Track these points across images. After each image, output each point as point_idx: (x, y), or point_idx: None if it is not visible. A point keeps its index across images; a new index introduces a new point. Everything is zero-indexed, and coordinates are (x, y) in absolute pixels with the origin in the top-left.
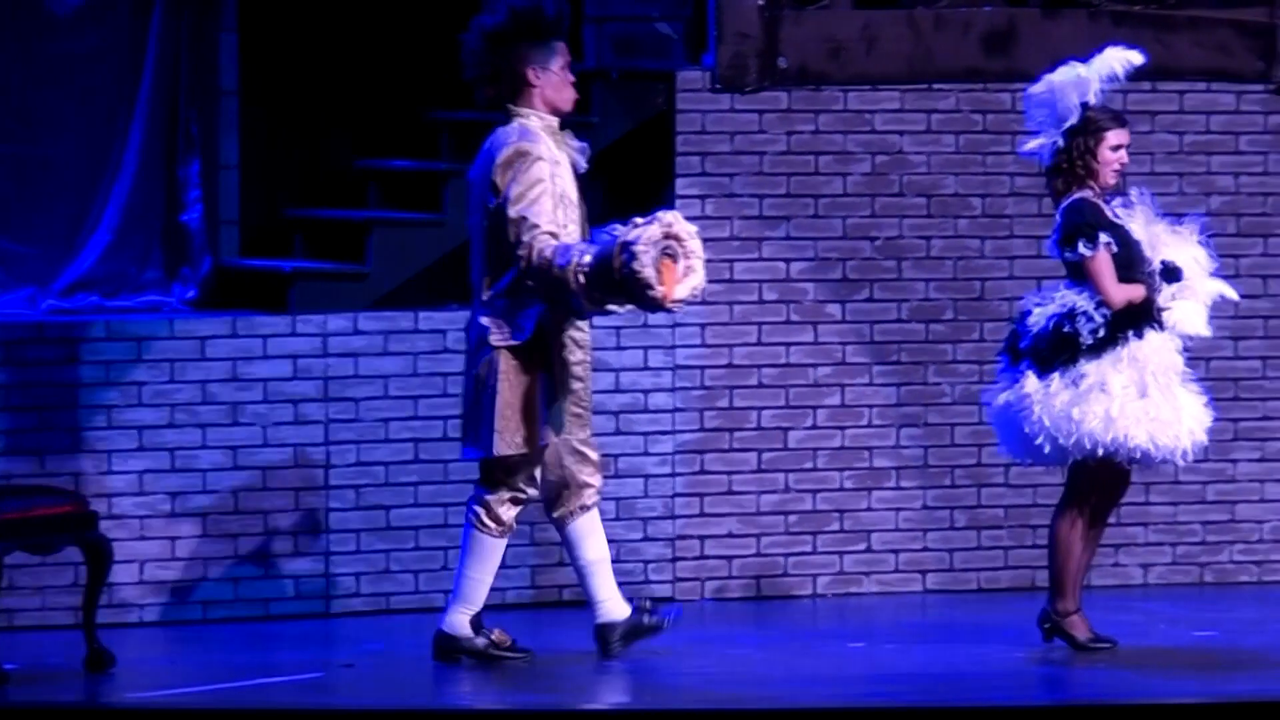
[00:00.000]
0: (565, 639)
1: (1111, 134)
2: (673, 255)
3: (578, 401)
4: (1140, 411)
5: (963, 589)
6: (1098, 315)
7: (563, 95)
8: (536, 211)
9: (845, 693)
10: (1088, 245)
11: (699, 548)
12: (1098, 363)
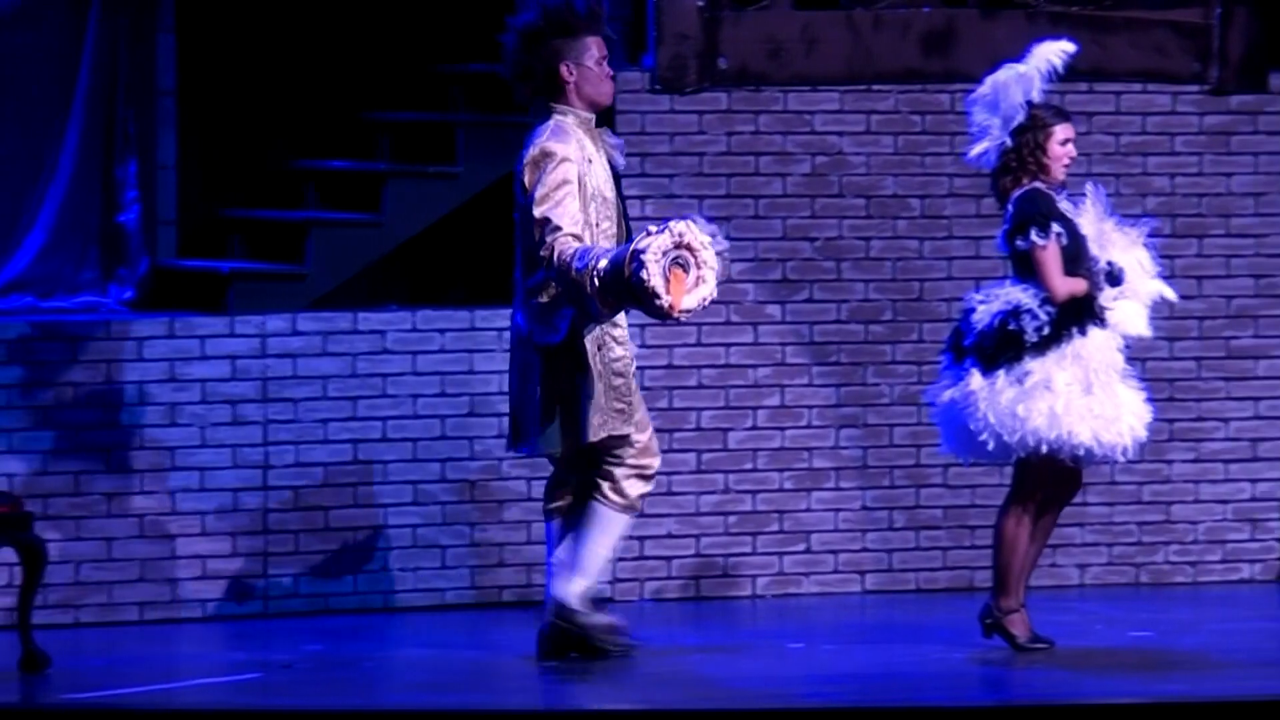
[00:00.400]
0: (506, 640)
1: (1059, 129)
2: (684, 265)
3: (620, 397)
4: (1084, 409)
5: (901, 589)
6: (1042, 313)
7: (599, 90)
8: (559, 213)
9: (784, 693)
10: (1040, 234)
11: (638, 548)
12: (1042, 360)
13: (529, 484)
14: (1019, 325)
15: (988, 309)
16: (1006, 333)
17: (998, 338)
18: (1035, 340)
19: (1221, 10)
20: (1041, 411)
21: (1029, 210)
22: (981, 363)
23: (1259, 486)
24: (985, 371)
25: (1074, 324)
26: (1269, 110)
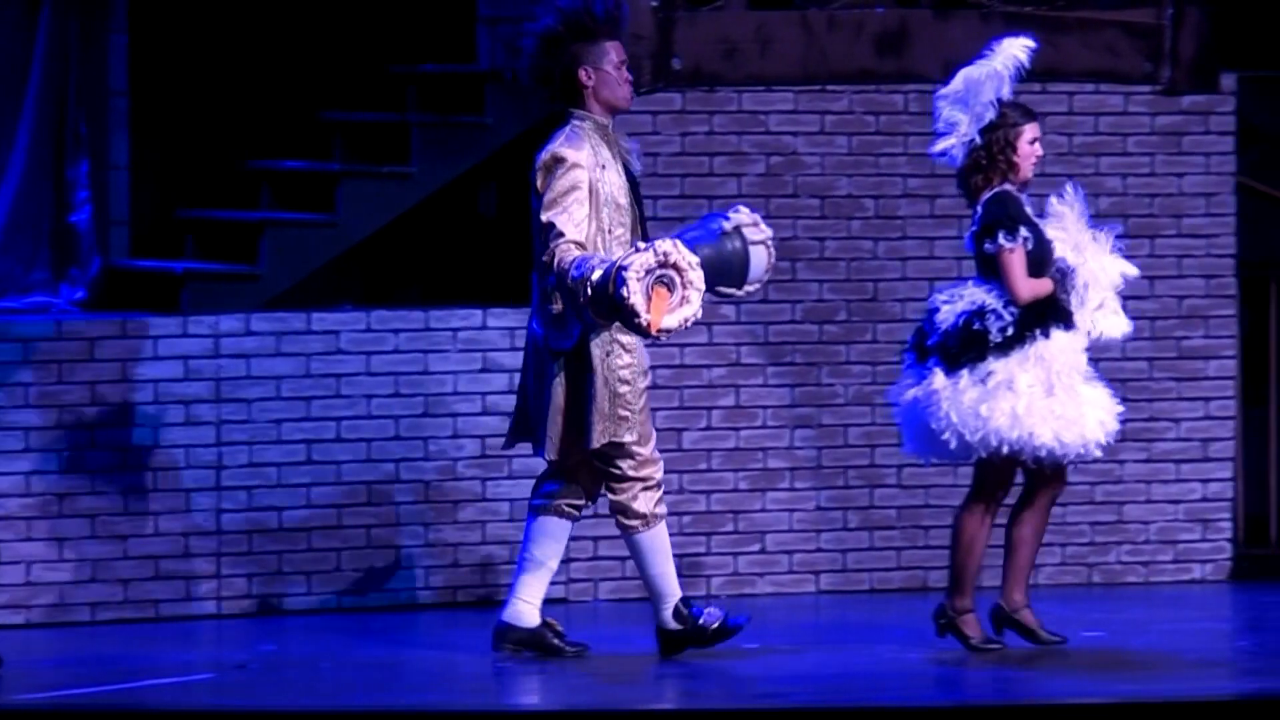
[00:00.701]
0: (461, 640)
1: (1028, 128)
2: (668, 284)
3: (624, 405)
4: (1046, 410)
5: (855, 590)
6: (1006, 313)
7: (618, 94)
8: (564, 220)
9: (738, 693)
10: (1007, 238)
11: (593, 549)
12: (1005, 361)
13: (483, 484)
14: (983, 325)
15: (951, 309)
16: (970, 333)
17: (961, 337)
18: (999, 340)
19: (1173, 11)
20: (1004, 412)
21: (997, 213)
22: (945, 362)
23: (1210, 487)
24: (949, 371)
25: (1038, 325)
26: (1220, 110)
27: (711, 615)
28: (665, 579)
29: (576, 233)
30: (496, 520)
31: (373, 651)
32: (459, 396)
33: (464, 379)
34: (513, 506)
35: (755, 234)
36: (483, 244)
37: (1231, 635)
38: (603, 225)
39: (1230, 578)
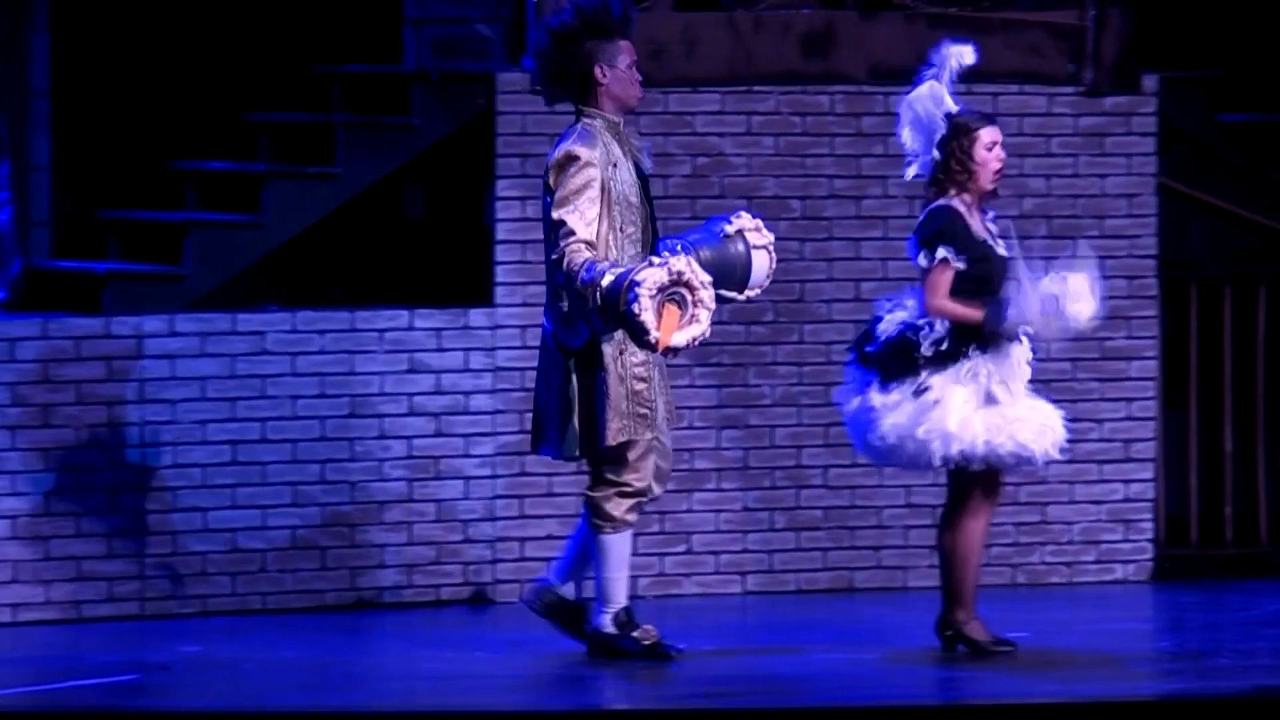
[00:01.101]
0: (386, 641)
1: (984, 132)
2: (679, 301)
3: (642, 403)
4: (983, 418)
5: (782, 590)
6: (940, 327)
7: (630, 92)
8: (575, 219)
9: (664, 695)
10: (928, 256)
11: (519, 549)
12: (941, 376)
13: (410, 485)
14: (919, 338)
15: (892, 319)
16: (904, 345)
17: (895, 349)
18: (930, 355)
19: (1095, 12)
20: (937, 426)
21: (925, 230)
22: (881, 374)
23: (1132, 487)
24: (883, 385)
25: (974, 340)
26: (1142, 111)
27: (646, 632)
28: (615, 584)
29: (587, 231)
30: (423, 522)
31: (297, 652)
32: (385, 398)
33: (390, 380)
34: (439, 508)
35: (758, 238)
36: (409, 245)
37: (1153, 635)
38: (614, 224)
39: (1152, 578)
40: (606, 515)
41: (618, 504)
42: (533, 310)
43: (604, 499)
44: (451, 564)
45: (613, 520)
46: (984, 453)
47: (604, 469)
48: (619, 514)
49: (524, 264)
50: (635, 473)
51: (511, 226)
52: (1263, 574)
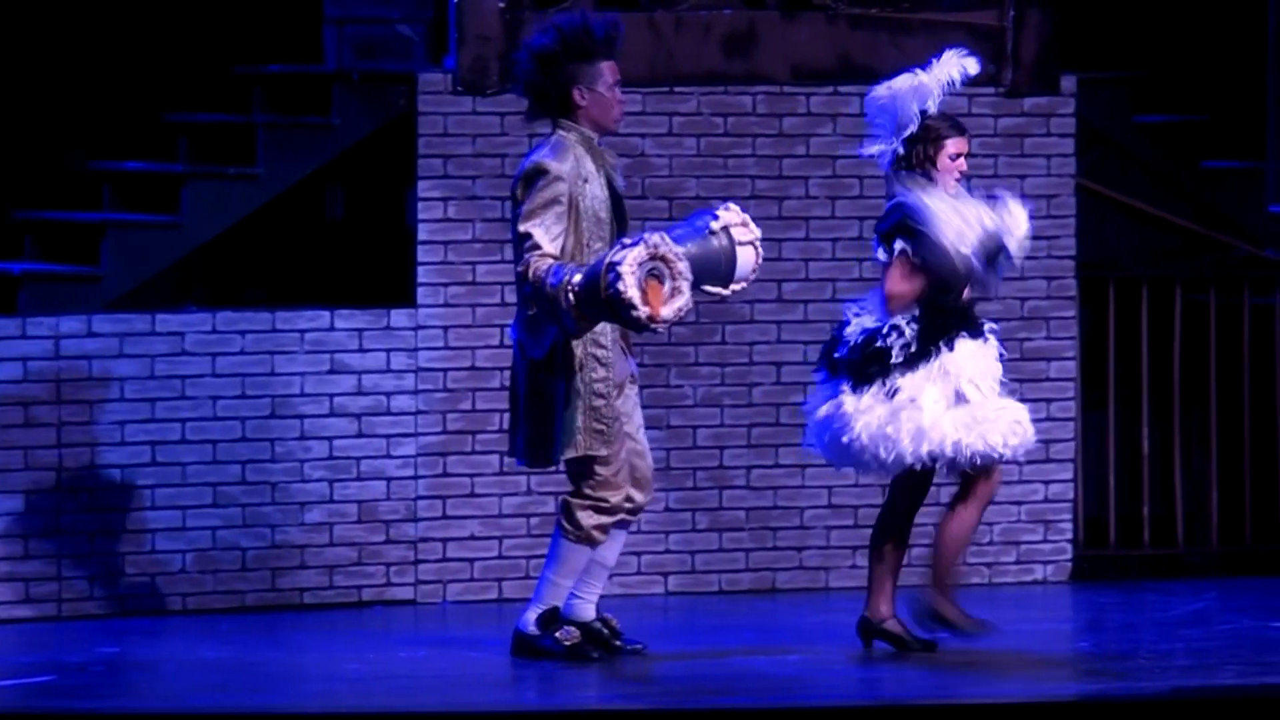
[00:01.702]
0: (307, 642)
1: (951, 142)
2: (659, 276)
3: (600, 419)
4: (954, 418)
5: (704, 591)
6: (908, 330)
7: (608, 115)
8: (540, 232)
9: (585, 696)
10: (886, 251)
11: (441, 550)
12: (911, 376)
13: (331, 486)
14: (886, 343)
15: (860, 322)
16: (874, 349)
17: (865, 353)
18: (900, 359)
19: (1014, 13)
20: (909, 429)
21: (883, 225)
22: (852, 378)
23: (1052, 488)
24: (855, 388)
25: (941, 338)
26: (1061, 112)
27: (569, 633)
28: (554, 588)
29: (552, 246)
30: (344, 522)
31: (217, 653)
32: (306, 398)
33: (311, 380)
34: (361, 508)
35: (743, 234)
36: (330, 246)
37: (1072, 636)
38: (581, 239)
39: (1071, 578)
40: (576, 523)
41: (590, 516)
42: (455, 311)
43: (578, 507)
44: (373, 565)
45: (580, 530)
46: (952, 453)
47: (581, 482)
48: (588, 525)
49: (446, 265)
50: (610, 489)
51: (433, 227)
52: (1179, 575)
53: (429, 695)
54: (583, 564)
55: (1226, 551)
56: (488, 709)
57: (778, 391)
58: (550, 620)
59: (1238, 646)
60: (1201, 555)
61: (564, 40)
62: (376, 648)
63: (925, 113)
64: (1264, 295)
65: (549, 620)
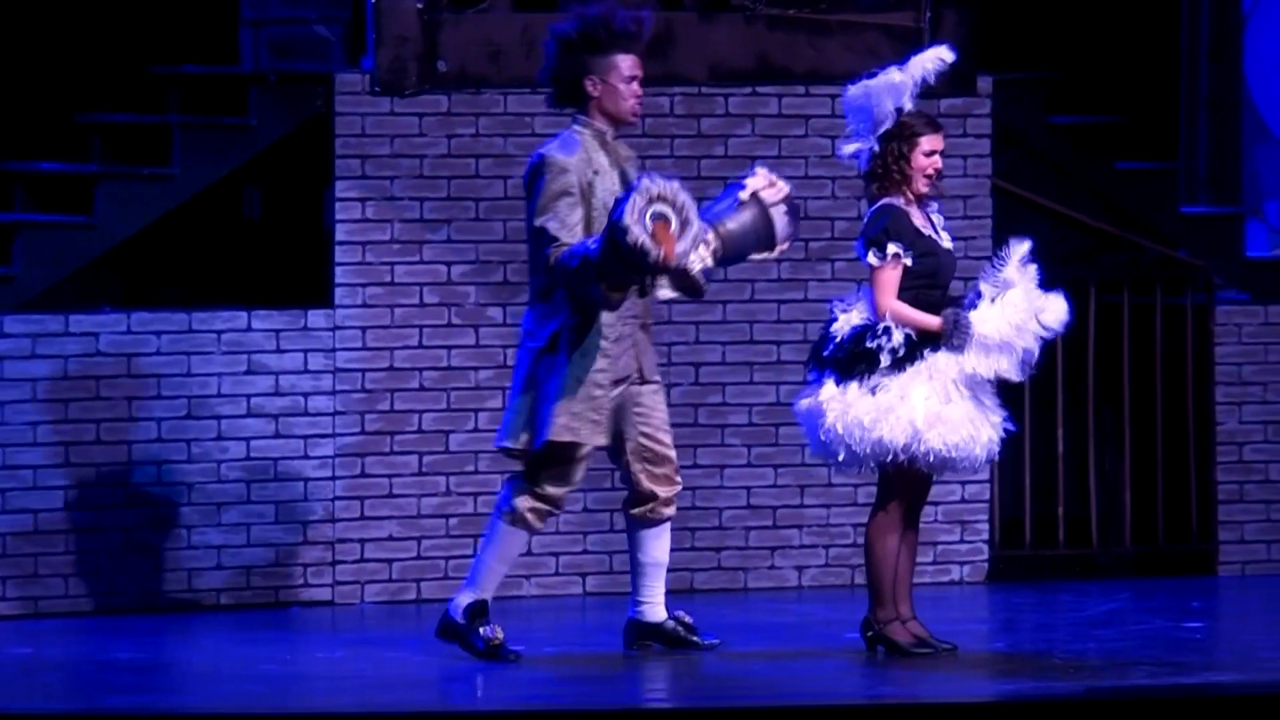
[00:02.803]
0: (222, 642)
1: (925, 140)
2: (663, 217)
3: (597, 409)
4: (940, 418)
5: (622, 591)
6: (898, 333)
7: (621, 108)
8: (555, 225)
9: (503, 696)
10: (878, 255)
11: (359, 551)
12: (898, 376)
13: (248, 487)
14: (875, 344)
15: (847, 319)
16: (863, 348)
17: (852, 350)
18: (889, 362)
19: (931, 14)
20: (896, 423)
21: (872, 229)
22: (837, 372)
23: (969, 489)
24: (839, 380)
25: (927, 345)
26: (977, 113)
27: (494, 631)
28: (489, 572)
29: (570, 236)
30: (261, 523)
31: (132, 654)
32: (223, 399)
33: (228, 381)
34: (278, 509)
35: (772, 194)
36: (247, 246)
37: (988, 636)
38: (594, 232)
39: (987, 579)
40: (511, 504)
41: (525, 500)
42: (373, 311)
43: (517, 490)
44: (291, 566)
45: (513, 512)
46: (923, 451)
47: (538, 468)
48: (522, 509)
49: (364, 265)
50: (554, 480)
51: (351, 228)
52: (1094, 575)
53: (346, 696)
54: (518, 550)
55: (1140, 552)
56: (406, 710)
57: (696, 392)
58: (479, 613)
59: (1150, 647)
60: (1115, 556)
61: (582, 29)
62: (293, 648)
63: (901, 110)
64: (1176, 296)
65: (478, 613)
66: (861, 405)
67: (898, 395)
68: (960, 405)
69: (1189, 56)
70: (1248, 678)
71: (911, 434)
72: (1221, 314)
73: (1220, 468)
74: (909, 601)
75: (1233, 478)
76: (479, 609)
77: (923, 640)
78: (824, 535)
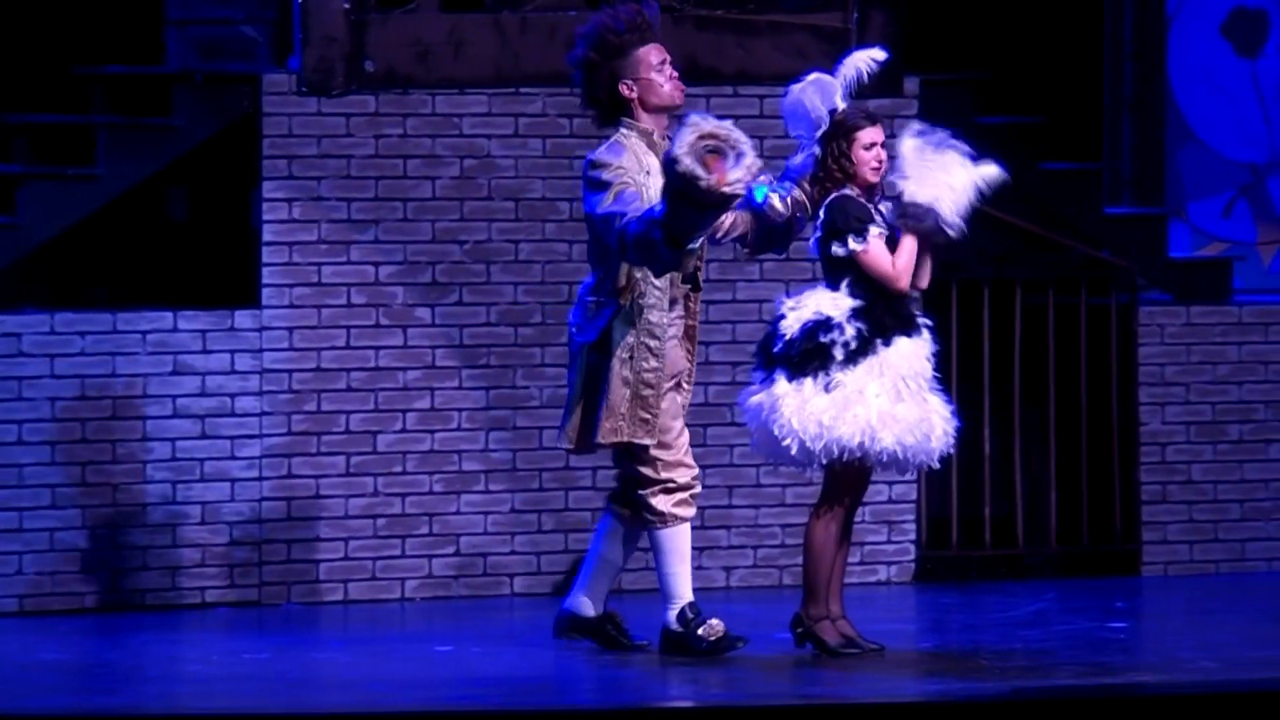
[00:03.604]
0: (148, 643)
1: (864, 133)
2: (718, 151)
3: (646, 408)
4: (893, 416)
5: (550, 592)
6: (850, 326)
7: (663, 95)
8: (620, 205)
9: (430, 697)
10: (858, 239)
11: (286, 552)
12: (853, 371)
13: (174, 487)
14: (828, 338)
15: (797, 316)
16: (815, 344)
17: (804, 347)
18: (842, 356)
19: (858, 15)
20: (854, 420)
21: (840, 219)
22: (789, 369)
23: (895, 489)
24: (791, 377)
25: (879, 335)
26: (904, 114)
27: (711, 628)
28: (676, 579)
29: (634, 211)
30: (187, 524)
31: (57, 655)
32: (149, 399)
33: (154, 382)
34: (204, 510)
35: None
36: (173, 247)
37: (915, 636)
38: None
39: (914, 579)
40: (655, 511)
41: (662, 500)
42: (300, 313)
43: (649, 496)
44: (217, 566)
45: (661, 516)
46: (876, 451)
47: (643, 469)
48: (666, 509)
49: (291, 266)
50: (675, 469)
51: (278, 228)
52: (1019, 575)
53: (273, 697)
54: (686, 543)
55: (1065, 553)
56: (332, 710)
57: None
58: (692, 615)
59: (1075, 647)
60: (1041, 556)
61: (594, 45)
62: (219, 649)
63: (835, 109)
64: (1100, 296)
65: (691, 615)
66: (818, 403)
67: (855, 391)
68: (911, 404)
69: (1113, 58)
70: (1170, 678)
71: (866, 432)
72: (1145, 314)
73: (1144, 468)
74: (840, 600)
75: (1156, 478)
76: (689, 613)
77: (851, 640)
78: (752, 536)
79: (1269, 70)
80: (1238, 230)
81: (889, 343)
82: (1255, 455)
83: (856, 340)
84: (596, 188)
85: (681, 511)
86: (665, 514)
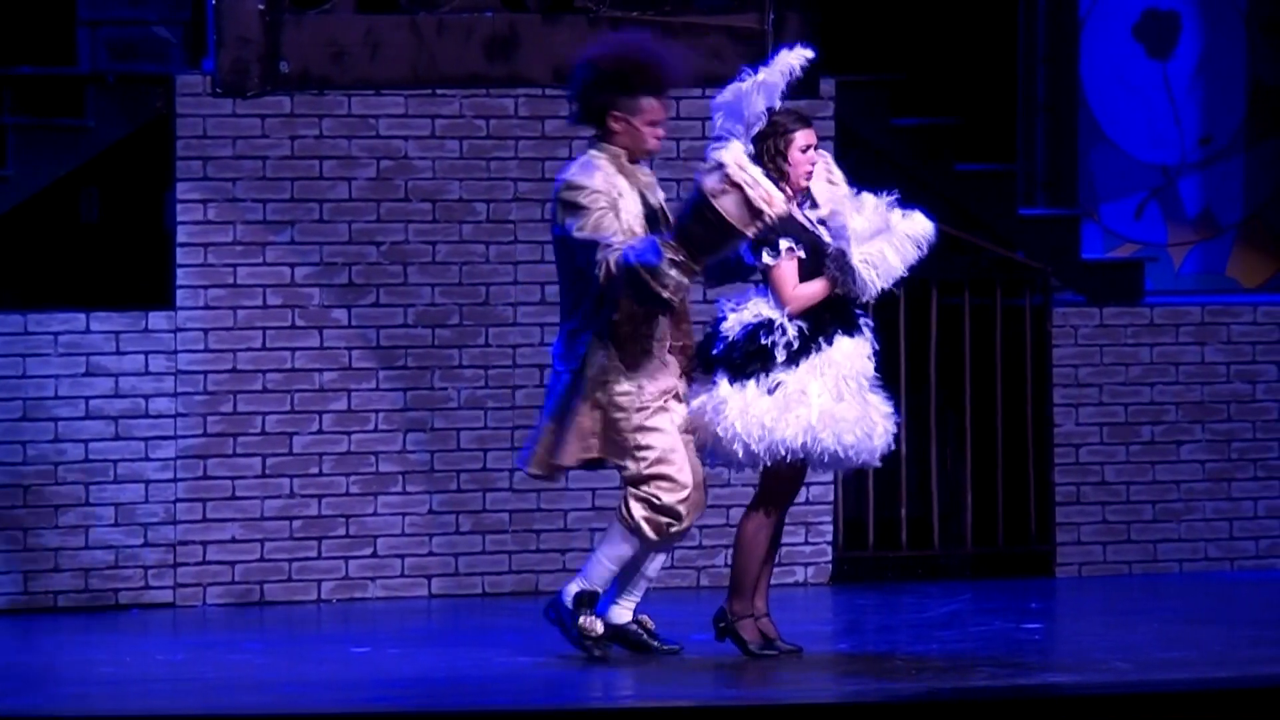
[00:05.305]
0: (61, 645)
1: (799, 135)
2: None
3: (618, 432)
4: (834, 416)
5: (467, 593)
6: (791, 327)
7: (639, 146)
8: (605, 230)
9: (346, 698)
10: (771, 253)
11: (201, 553)
12: (795, 372)
13: (86, 489)
14: (770, 339)
15: (738, 318)
16: (756, 345)
17: (746, 349)
18: (784, 357)
19: (774, 16)
20: (796, 421)
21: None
22: (730, 372)
23: (812, 490)
24: (733, 379)
25: (820, 334)
26: (820, 115)
27: (592, 624)
28: (602, 569)
29: (618, 239)
30: (100, 525)
31: None
32: (60, 401)
33: (66, 383)
34: (118, 511)
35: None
36: (86, 248)
37: (832, 638)
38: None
39: (831, 580)
40: (628, 511)
41: (639, 509)
42: (215, 314)
43: (633, 497)
44: (130, 568)
45: (630, 520)
46: (818, 451)
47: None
48: (636, 516)
49: (206, 267)
50: (664, 487)
51: (193, 229)
52: (935, 577)
53: (187, 698)
54: (628, 555)
55: (980, 554)
56: (246, 712)
57: (541, 394)
58: (586, 602)
59: (990, 648)
60: (956, 557)
61: (615, 65)
62: (133, 651)
63: (771, 109)
64: (1015, 297)
65: (585, 601)
66: (760, 404)
67: (797, 391)
68: (852, 404)
69: (1027, 60)
70: (1085, 679)
71: (807, 433)
72: (1059, 315)
73: (1058, 469)
74: (765, 599)
75: (1070, 479)
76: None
77: (770, 641)
78: None
79: (1180, 72)
80: (1149, 232)
81: (830, 341)
82: (1167, 456)
83: (798, 339)
84: (572, 210)
85: (647, 530)
86: (634, 521)
